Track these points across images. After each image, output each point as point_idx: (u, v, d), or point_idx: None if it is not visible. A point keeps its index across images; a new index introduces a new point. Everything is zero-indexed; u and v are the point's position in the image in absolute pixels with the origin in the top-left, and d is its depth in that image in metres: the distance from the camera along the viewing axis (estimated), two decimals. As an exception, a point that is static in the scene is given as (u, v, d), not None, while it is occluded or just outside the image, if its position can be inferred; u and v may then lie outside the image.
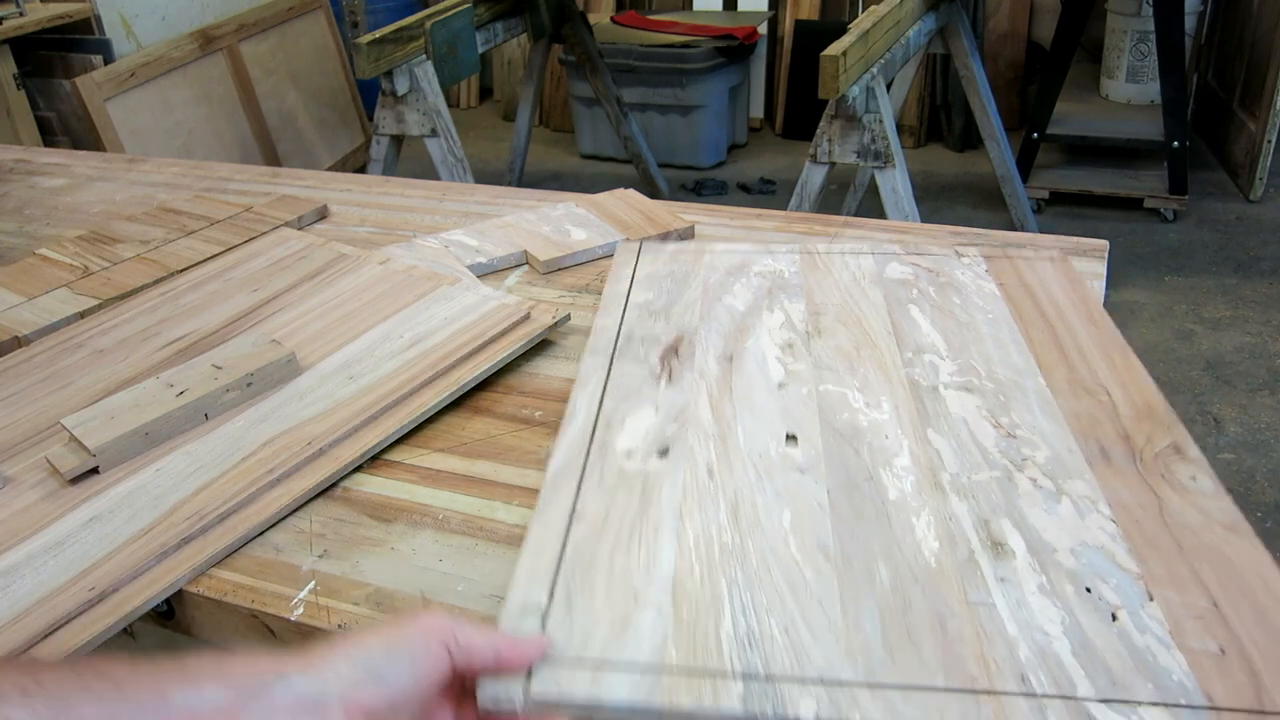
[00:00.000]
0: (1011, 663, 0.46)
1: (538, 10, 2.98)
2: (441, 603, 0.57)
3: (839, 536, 0.55)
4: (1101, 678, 0.45)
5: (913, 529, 0.56)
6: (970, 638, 0.48)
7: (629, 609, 0.50)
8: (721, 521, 0.56)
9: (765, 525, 0.56)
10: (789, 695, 0.45)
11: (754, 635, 0.48)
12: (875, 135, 2.04)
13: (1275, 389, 2.19)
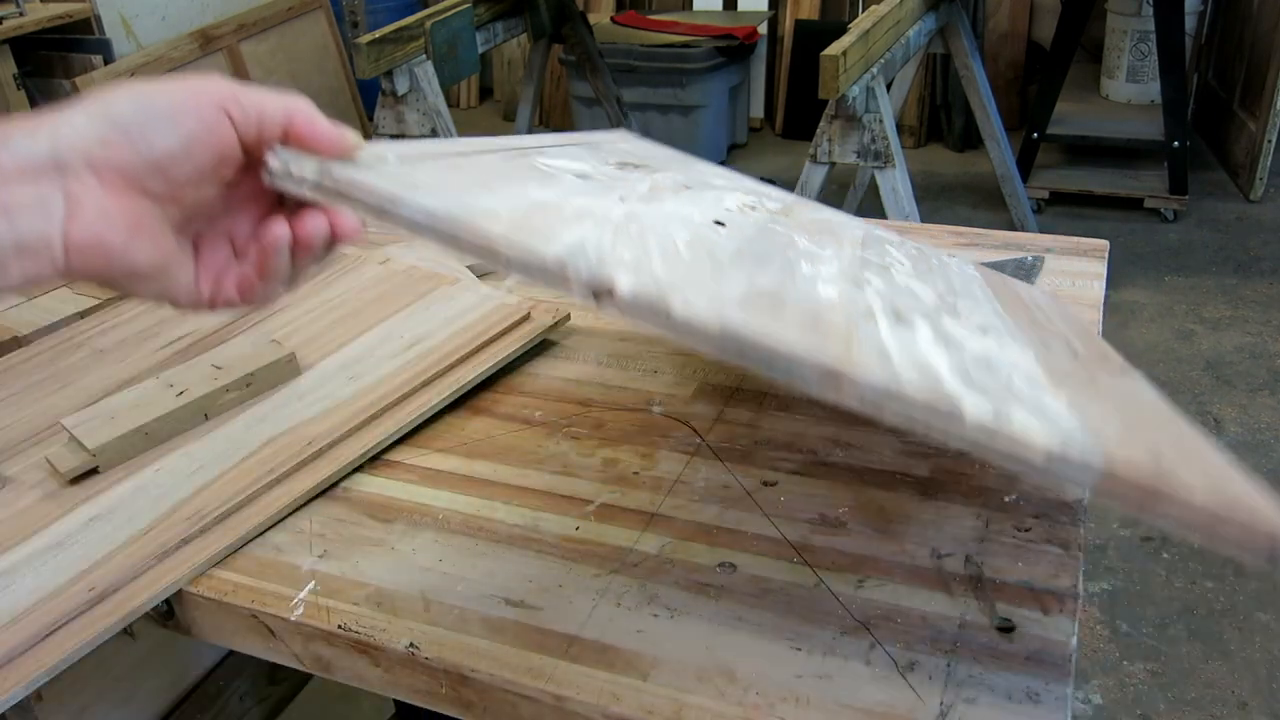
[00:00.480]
0: (882, 360, 0.40)
1: (538, 10, 2.98)
2: (441, 603, 0.57)
3: (733, 245, 0.50)
4: (983, 400, 0.40)
5: (817, 287, 0.50)
6: (840, 327, 0.43)
7: (476, 193, 0.46)
8: (609, 204, 0.51)
9: (656, 221, 0.50)
10: (612, 267, 0.41)
11: (600, 249, 0.43)
12: (875, 135, 2.04)
13: (1275, 389, 2.19)
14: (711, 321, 0.39)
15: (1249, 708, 1.47)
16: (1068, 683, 0.49)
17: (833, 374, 0.38)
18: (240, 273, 0.45)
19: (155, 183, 0.40)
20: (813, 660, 0.51)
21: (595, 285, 0.39)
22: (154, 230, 0.41)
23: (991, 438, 0.37)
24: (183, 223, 0.43)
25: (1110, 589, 1.70)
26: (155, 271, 0.42)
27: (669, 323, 0.39)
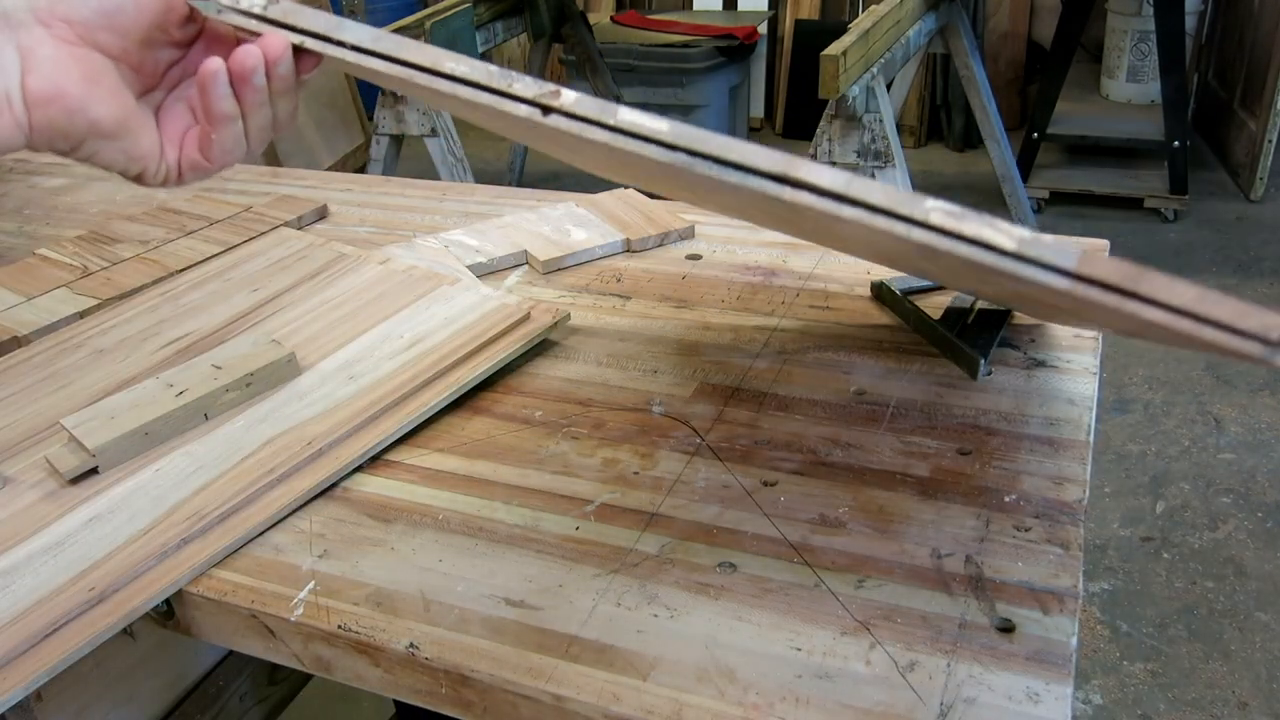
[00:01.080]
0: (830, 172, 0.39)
1: (538, 10, 2.98)
2: (441, 603, 0.57)
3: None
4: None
5: None
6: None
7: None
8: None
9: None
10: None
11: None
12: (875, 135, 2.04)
13: (1275, 389, 2.19)
14: (659, 124, 0.39)
15: (1249, 708, 1.47)
16: (1068, 683, 0.49)
17: (786, 172, 0.37)
18: (199, 130, 0.47)
19: (105, 36, 0.41)
20: (813, 660, 0.51)
21: (541, 95, 0.41)
22: (111, 84, 0.42)
23: (959, 222, 0.35)
24: (141, 86, 0.44)
25: (1110, 589, 1.70)
26: (117, 128, 0.43)
27: (615, 124, 0.40)
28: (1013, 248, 0.35)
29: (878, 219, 0.36)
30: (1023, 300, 0.67)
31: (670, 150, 0.39)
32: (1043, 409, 0.71)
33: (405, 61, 0.43)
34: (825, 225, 0.46)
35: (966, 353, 0.75)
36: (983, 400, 0.72)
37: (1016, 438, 0.68)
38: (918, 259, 0.59)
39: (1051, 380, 0.74)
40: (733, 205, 0.56)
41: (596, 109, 0.40)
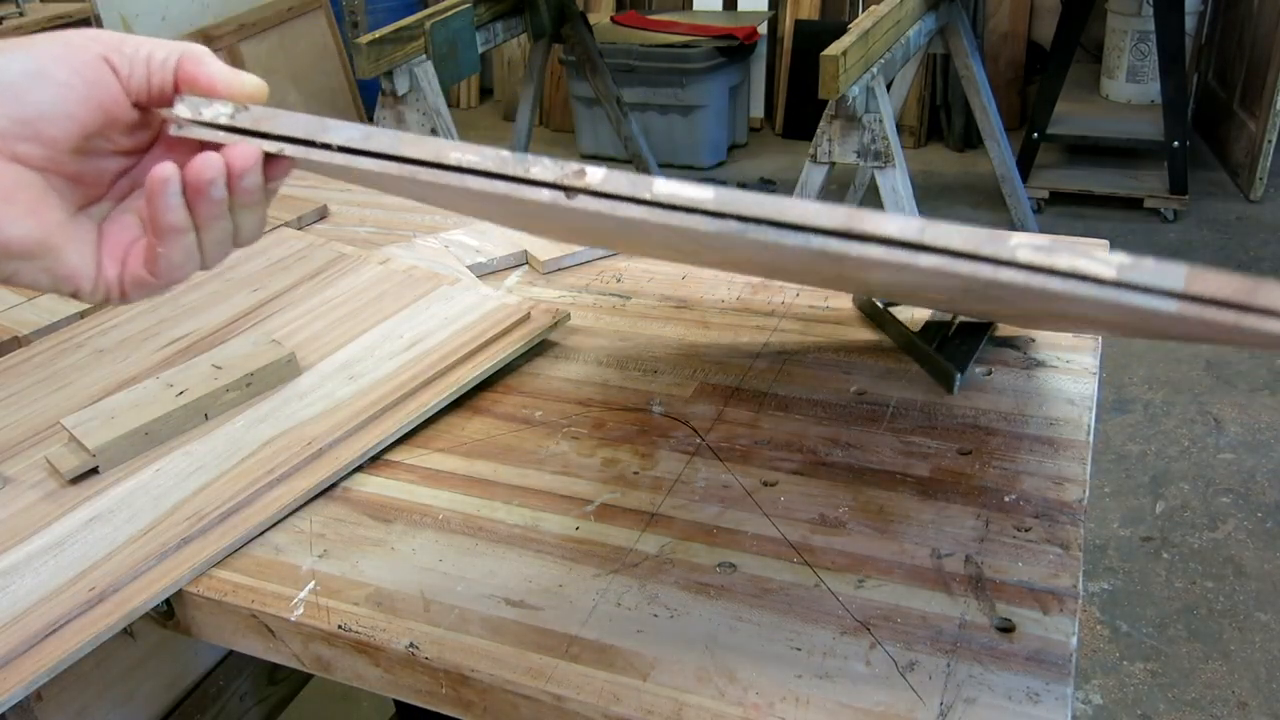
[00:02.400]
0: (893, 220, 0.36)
1: (538, 10, 2.98)
2: (441, 603, 0.57)
3: None
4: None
5: None
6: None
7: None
8: None
9: None
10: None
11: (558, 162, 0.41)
12: (875, 135, 2.04)
13: (1275, 389, 2.19)
14: (702, 192, 0.36)
15: (1249, 708, 1.47)
16: (1068, 682, 0.49)
17: (850, 227, 0.34)
18: (146, 244, 0.42)
19: (29, 147, 0.37)
20: (813, 660, 0.51)
21: (564, 176, 0.37)
22: (30, 199, 0.38)
23: (1050, 257, 0.33)
24: (82, 198, 0.41)
25: (1110, 589, 1.70)
26: (35, 247, 0.39)
27: (652, 198, 0.36)
28: (1113, 276, 0.32)
29: (960, 264, 0.33)
30: (1041, 318, 0.67)
31: (717, 219, 0.35)
32: (1043, 409, 0.71)
33: (404, 158, 0.39)
34: (888, 276, 0.44)
35: (943, 366, 0.74)
36: (983, 400, 0.72)
37: (1016, 438, 0.68)
38: (970, 300, 0.57)
39: (1051, 380, 0.74)
40: (784, 267, 0.53)
41: (628, 184, 0.36)
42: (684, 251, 0.60)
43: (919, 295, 0.63)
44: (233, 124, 0.41)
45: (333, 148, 0.40)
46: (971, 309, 0.70)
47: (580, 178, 0.37)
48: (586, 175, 0.37)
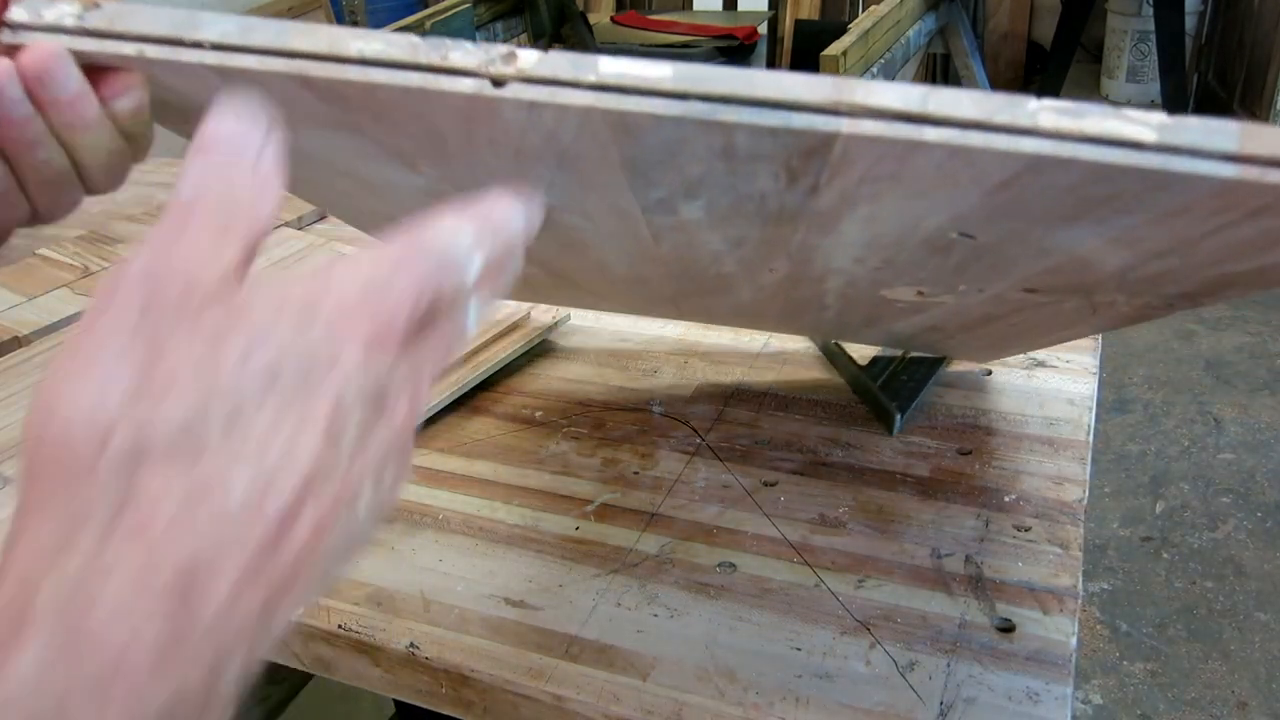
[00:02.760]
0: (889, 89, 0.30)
1: (538, 10, 2.99)
2: (441, 603, 0.57)
3: None
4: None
5: None
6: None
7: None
8: None
9: None
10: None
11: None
12: (875, 135, 2.04)
13: (1275, 389, 2.19)
14: (660, 70, 0.30)
15: (1249, 708, 1.47)
16: (1068, 682, 0.49)
17: (839, 99, 0.29)
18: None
19: None
20: (813, 660, 0.51)
21: (489, 62, 0.31)
22: None
23: (1078, 120, 0.28)
24: None
25: (1110, 589, 1.70)
26: None
27: (597, 80, 0.30)
28: (1154, 138, 0.27)
29: (972, 136, 0.28)
30: (1003, 340, 0.63)
31: (679, 101, 0.30)
32: (1042, 409, 0.71)
33: (292, 52, 0.33)
34: (868, 237, 0.38)
35: (884, 405, 0.70)
36: (983, 400, 0.72)
37: (1016, 438, 0.68)
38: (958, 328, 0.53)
39: (1051, 380, 0.74)
40: (748, 305, 0.48)
41: (569, 66, 0.30)
42: (638, 279, 0.56)
43: (883, 317, 0.59)
44: (82, 26, 0.34)
45: (205, 46, 0.33)
46: (939, 333, 0.65)
47: (510, 62, 0.31)
48: (518, 59, 0.31)
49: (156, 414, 0.23)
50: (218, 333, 0.24)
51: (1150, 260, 0.37)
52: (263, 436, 0.24)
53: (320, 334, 0.25)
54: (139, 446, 0.23)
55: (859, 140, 0.29)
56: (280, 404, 0.24)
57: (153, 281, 0.25)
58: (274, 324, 0.25)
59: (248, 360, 0.24)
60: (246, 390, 0.24)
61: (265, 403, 0.24)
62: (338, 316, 0.25)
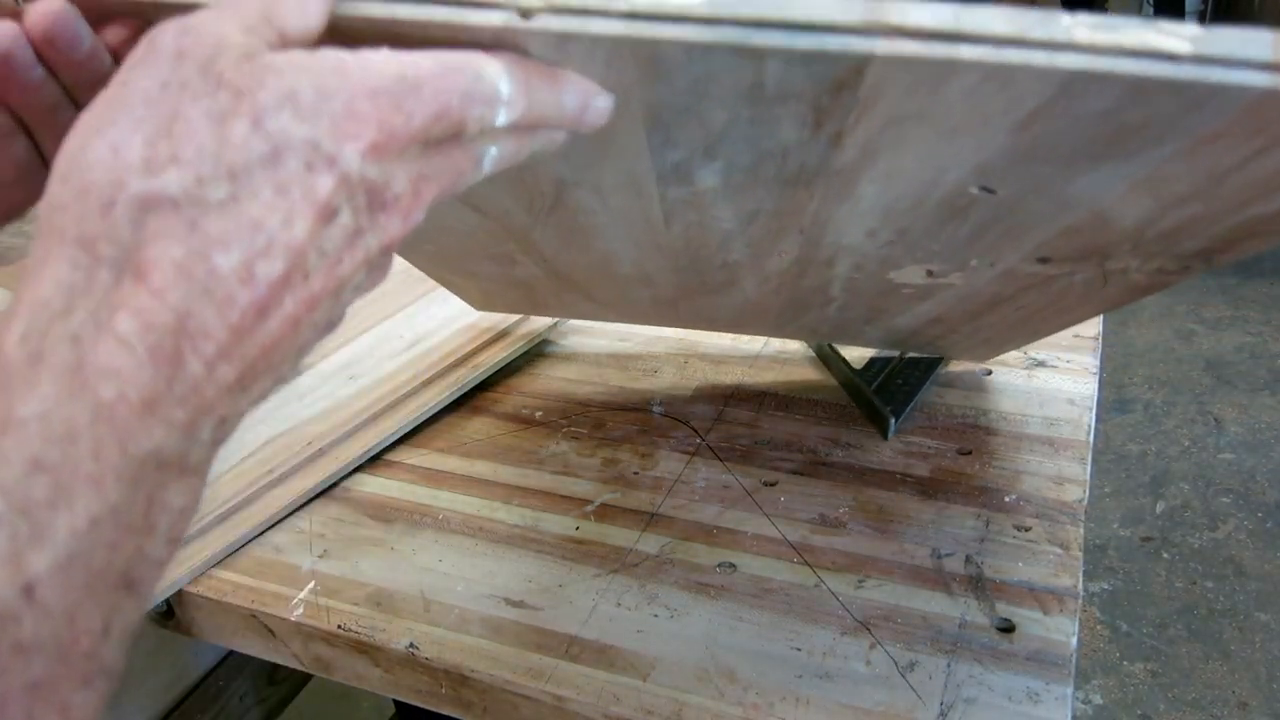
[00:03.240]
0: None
1: (538, 10, 2.98)
2: (441, 603, 0.57)
3: None
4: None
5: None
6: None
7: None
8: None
9: None
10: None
11: None
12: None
13: (1275, 389, 2.19)
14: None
15: (1249, 708, 1.47)
16: (1068, 683, 0.49)
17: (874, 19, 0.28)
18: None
19: None
20: (813, 660, 0.51)
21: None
22: None
23: (1114, 34, 0.28)
24: None
25: (1110, 589, 1.70)
26: None
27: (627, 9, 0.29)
28: (1189, 50, 0.27)
29: (1007, 53, 0.28)
30: (1007, 331, 0.63)
31: (712, 27, 0.29)
32: (1042, 409, 0.71)
33: None
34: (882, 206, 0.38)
35: (879, 409, 0.69)
36: (983, 400, 0.72)
37: (1016, 438, 0.68)
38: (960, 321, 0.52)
39: (1051, 380, 0.74)
40: (751, 306, 0.48)
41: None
42: (643, 279, 0.55)
43: (884, 314, 0.59)
44: None
45: None
46: (941, 325, 0.64)
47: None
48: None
49: (163, 175, 0.25)
50: (226, 112, 0.26)
51: (1172, 209, 0.37)
52: (257, 214, 0.25)
53: (324, 129, 0.26)
54: (147, 201, 0.25)
55: (892, 64, 0.29)
56: (276, 188, 0.26)
57: (182, 49, 0.26)
58: (279, 111, 0.26)
59: (248, 143, 0.26)
60: (244, 170, 0.26)
61: (261, 184, 0.26)
62: (345, 115, 0.26)
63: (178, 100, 0.26)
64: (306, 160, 0.26)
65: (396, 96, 0.27)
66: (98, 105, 0.27)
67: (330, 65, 0.27)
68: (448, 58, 0.28)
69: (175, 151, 0.25)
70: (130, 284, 0.25)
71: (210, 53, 0.26)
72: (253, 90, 0.26)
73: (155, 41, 0.27)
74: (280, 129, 0.26)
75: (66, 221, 0.25)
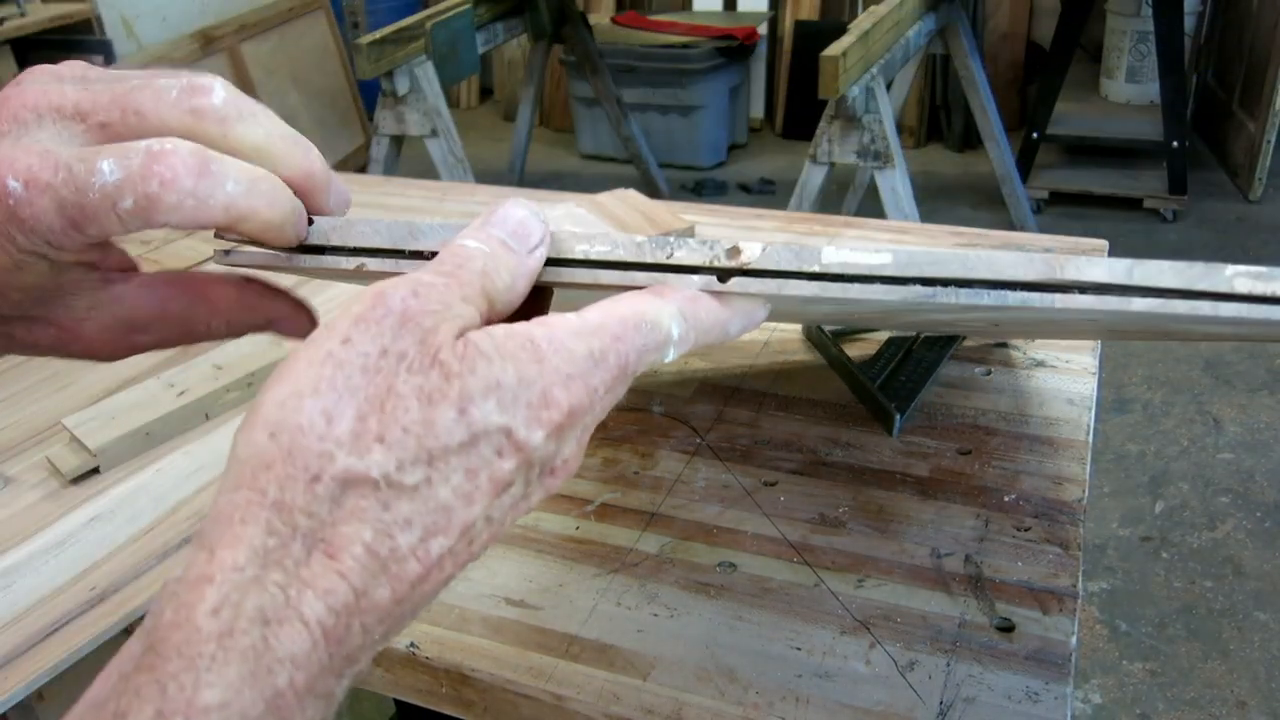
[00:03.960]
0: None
1: (538, 11, 2.99)
2: (442, 602, 0.57)
3: None
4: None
5: None
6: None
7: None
8: None
9: None
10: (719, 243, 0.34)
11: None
12: (875, 135, 2.04)
13: (1275, 389, 2.19)
14: (879, 257, 0.31)
15: (1248, 707, 1.47)
16: (1067, 682, 0.49)
17: (1050, 277, 0.30)
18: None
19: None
20: (813, 660, 0.51)
21: (715, 257, 0.32)
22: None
23: (1270, 284, 0.30)
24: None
25: (1110, 588, 1.70)
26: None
27: (821, 270, 0.31)
28: None
29: (1176, 304, 0.30)
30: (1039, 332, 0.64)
31: (900, 286, 0.31)
32: (1042, 409, 0.71)
33: None
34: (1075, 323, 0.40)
35: (884, 406, 0.69)
36: (982, 400, 0.72)
37: (1016, 438, 0.68)
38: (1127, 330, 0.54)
39: (1051, 380, 0.74)
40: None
41: (792, 257, 0.32)
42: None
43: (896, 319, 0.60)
44: (299, 243, 0.35)
45: (426, 255, 0.34)
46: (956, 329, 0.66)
47: (734, 256, 0.32)
48: (742, 253, 0.32)
49: (369, 456, 0.26)
50: (434, 395, 0.27)
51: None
52: (443, 498, 0.27)
53: (519, 417, 0.28)
54: (350, 480, 0.26)
55: (1068, 312, 0.31)
56: (466, 473, 0.27)
57: (400, 324, 0.27)
58: (484, 400, 0.27)
59: (452, 431, 0.27)
60: (441, 455, 0.27)
61: (454, 469, 0.27)
62: (540, 403, 0.28)
63: (394, 373, 0.27)
64: (498, 446, 0.27)
65: (586, 375, 0.29)
66: (316, 354, 0.27)
67: (529, 352, 0.28)
68: (629, 313, 0.30)
69: (383, 431, 0.26)
70: (320, 561, 0.25)
71: (433, 322, 0.28)
72: (463, 375, 0.27)
73: (385, 297, 0.28)
74: (482, 418, 0.27)
75: (269, 481, 0.26)
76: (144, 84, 0.32)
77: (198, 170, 0.30)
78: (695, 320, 0.31)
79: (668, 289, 0.32)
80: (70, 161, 0.30)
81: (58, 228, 0.30)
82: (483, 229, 0.31)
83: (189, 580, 0.25)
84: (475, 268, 0.30)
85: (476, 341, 0.28)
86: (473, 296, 0.29)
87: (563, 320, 0.29)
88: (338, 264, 0.34)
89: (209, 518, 0.26)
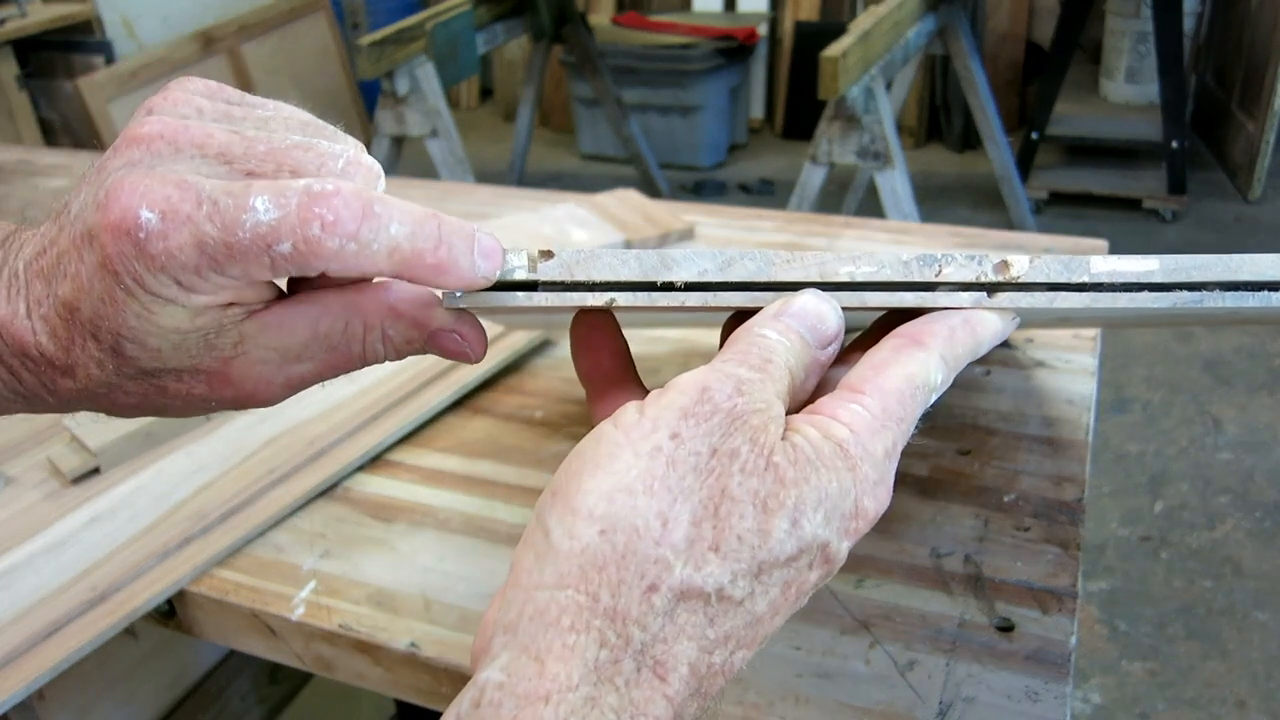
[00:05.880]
0: None
1: (538, 11, 2.99)
2: (442, 602, 0.57)
3: None
4: None
5: None
6: None
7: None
8: None
9: None
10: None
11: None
12: (875, 136, 2.04)
13: (1274, 389, 2.19)
14: (1147, 264, 0.31)
15: (1247, 706, 1.47)
16: (1067, 682, 0.49)
17: None
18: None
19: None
20: (813, 660, 0.51)
21: (983, 273, 0.32)
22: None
23: None
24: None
25: (1109, 588, 1.71)
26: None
27: (1090, 280, 0.31)
28: None
29: None
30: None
31: (1167, 292, 0.31)
32: (1042, 409, 0.71)
33: (777, 284, 0.31)
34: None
35: None
36: (982, 400, 0.72)
37: (1016, 438, 0.68)
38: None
39: (1051, 380, 0.74)
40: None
41: (1062, 269, 0.31)
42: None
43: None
44: (538, 279, 0.32)
45: (678, 287, 0.31)
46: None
47: (1003, 271, 0.31)
48: (1011, 267, 0.31)
49: (705, 568, 0.25)
50: (770, 502, 0.26)
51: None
52: (758, 612, 0.26)
53: (835, 530, 0.27)
54: (684, 591, 0.25)
55: None
56: (782, 586, 0.26)
57: (729, 422, 0.27)
58: (814, 513, 0.26)
59: (784, 543, 0.26)
60: (768, 568, 0.26)
61: (774, 582, 0.26)
62: (852, 515, 0.27)
63: (726, 473, 0.26)
64: (812, 560, 0.27)
65: (886, 477, 0.29)
66: (643, 446, 0.26)
67: (843, 460, 0.28)
68: (904, 387, 0.29)
69: (718, 540, 0.25)
70: (649, 682, 0.24)
71: (760, 421, 0.27)
72: (797, 484, 0.26)
73: (710, 393, 0.27)
74: (811, 533, 0.26)
75: (602, 585, 0.25)
76: (306, 144, 0.30)
77: (361, 213, 0.28)
78: (954, 359, 0.31)
79: (926, 334, 0.31)
80: (216, 195, 0.27)
81: (192, 266, 0.27)
82: (780, 319, 0.30)
83: (520, 694, 0.24)
84: (780, 363, 0.29)
85: (801, 446, 0.27)
86: (782, 394, 0.29)
87: (857, 417, 0.28)
88: (583, 300, 0.32)
89: (526, 614, 0.25)
